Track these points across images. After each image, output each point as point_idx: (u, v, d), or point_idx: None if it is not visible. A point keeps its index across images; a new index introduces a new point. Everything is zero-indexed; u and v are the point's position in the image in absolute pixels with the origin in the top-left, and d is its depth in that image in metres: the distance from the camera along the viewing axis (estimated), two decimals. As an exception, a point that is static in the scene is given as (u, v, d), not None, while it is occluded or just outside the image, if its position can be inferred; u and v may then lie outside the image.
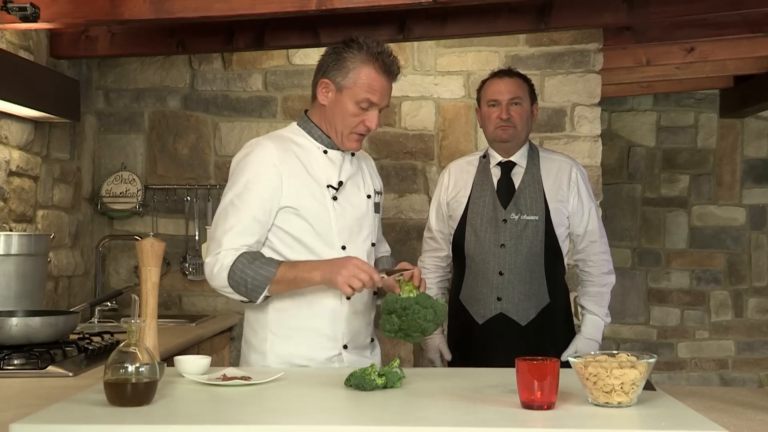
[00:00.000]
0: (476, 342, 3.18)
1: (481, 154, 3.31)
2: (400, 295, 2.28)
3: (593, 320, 3.23)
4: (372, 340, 2.65)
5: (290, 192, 2.42)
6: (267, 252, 2.45)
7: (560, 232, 3.17)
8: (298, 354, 2.48)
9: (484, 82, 3.26)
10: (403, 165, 4.66)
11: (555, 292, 3.19)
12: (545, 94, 4.66)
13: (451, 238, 3.27)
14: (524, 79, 3.24)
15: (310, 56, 4.61)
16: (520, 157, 3.21)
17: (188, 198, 4.63)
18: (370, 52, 2.43)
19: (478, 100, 3.25)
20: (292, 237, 2.45)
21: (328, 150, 2.52)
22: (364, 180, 2.61)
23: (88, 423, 1.72)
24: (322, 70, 2.48)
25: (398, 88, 4.68)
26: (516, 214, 3.14)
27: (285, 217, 2.44)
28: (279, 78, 4.69)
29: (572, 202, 3.19)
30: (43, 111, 3.52)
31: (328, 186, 2.47)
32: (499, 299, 3.13)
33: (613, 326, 7.43)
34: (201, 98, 4.71)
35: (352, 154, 2.58)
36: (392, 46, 4.77)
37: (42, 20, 3.18)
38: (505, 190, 3.19)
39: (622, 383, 1.83)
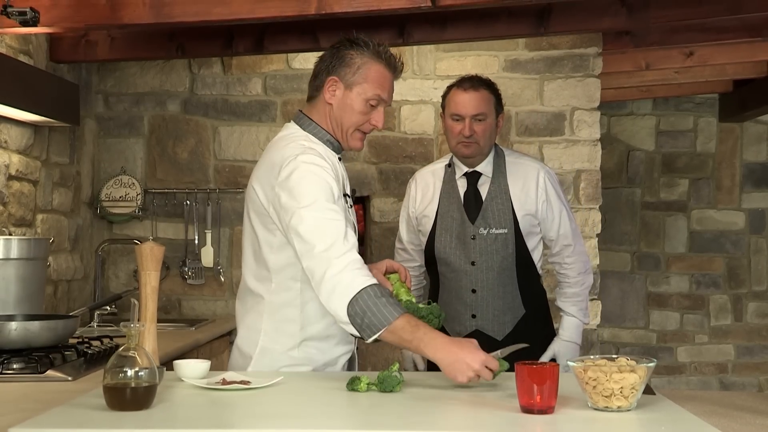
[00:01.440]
0: None
1: (446, 162, 3.21)
2: (398, 296, 2.33)
3: (571, 321, 3.18)
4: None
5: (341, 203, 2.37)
6: None
7: (531, 241, 3.12)
8: (320, 360, 2.45)
9: (449, 88, 3.12)
10: (403, 169, 4.67)
11: (530, 300, 3.15)
12: (544, 98, 4.66)
13: (422, 249, 3.23)
14: (491, 89, 3.09)
15: (309, 60, 4.62)
16: (485, 166, 3.12)
17: (188, 202, 4.63)
18: (376, 50, 2.43)
19: (443, 106, 3.14)
20: None
21: (341, 157, 2.51)
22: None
23: (87, 427, 1.72)
24: (328, 68, 2.44)
25: (398, 92, 4.67)
26: (485, 229, 3.07)
27: None
28: (278, 82, 4.69)
29: (541, 208, 3.11)
30: (42, 115, 3.52)
31: (345, 194, 2.45)
32: (473, 316, 3.10)
33: (612, 330, 7.43)
34: (200, 102, 4.71)
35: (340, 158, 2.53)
36: (392, 50, 4.79)
37: (42, 24, 3.18)
38: (473, 203, 3.11)
39: (621, 387, 1.83)
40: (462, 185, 3.14)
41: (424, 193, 3.21)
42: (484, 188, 3.12)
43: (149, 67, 4.70)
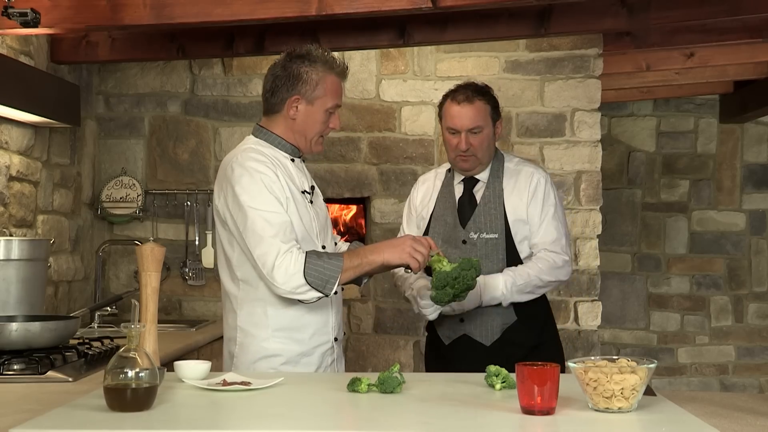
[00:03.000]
0: (443, 361, 3.10)
1: (448, 167, 3.19)
2: (440, 268, 2.56)
3: (497, 278, 2.94)
4: (344, 334, 2.86)
5: (285, 198, 2.52)
6: None
7: (522, 247, 3.04)
8: (293, 350, 2.56)
9: (445, 98, 3.07)
10: (403, 170, 4.67)
11: (522, 307, 3.02)
12: (545, 99, 4.66)
13: None
14: (486, 99, 3.04)
15: (310, 61, 4.62)
16: (482, 172, 3.09)
17: (188, 203, 4.64)
18: (326, 60, 2.58)
19: (440, 116, 3.10)
20: None
21: (294, 158, 2.64)
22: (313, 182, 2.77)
23: (87, 428, 1.72)
24: (287, 87, 2.57)
25: (399, 93, 4.69)
26: (475, 233, 3.02)
27: None
28: (279, 83, 4.68)
29: (529, 211, 3.03)
30: (43, 116, 3.52)
31: (302, 192, 2.60)
32: (461, 321, 3.04)
33: (613, 331, 7.43)
34: (201, 103, 4.71)
35: (303, 160, 2.71)
36: (392, 51, 4.81)
37: (42, 25, 3.18)
38: (467, 207, 3.07)
39: (622, 388, 1.83)
40: (459, 190, 3.12)
41: (424, 195, 3.21)
42: (479, 193, 3.08)
43: (150, 68, 4.70)
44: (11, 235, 3.51)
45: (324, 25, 3.87)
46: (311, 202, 2.63)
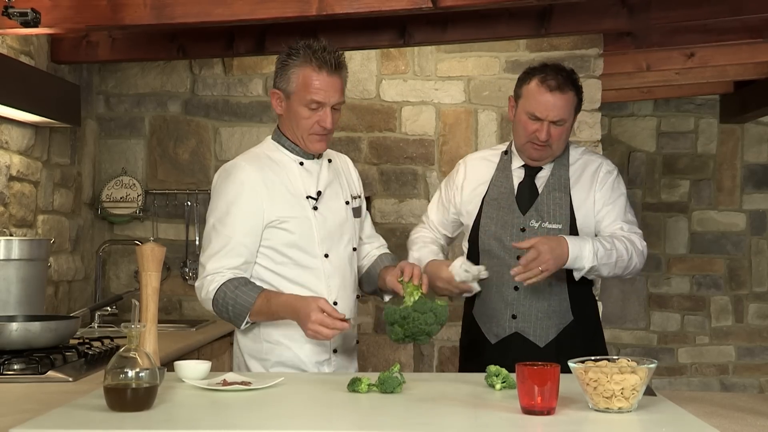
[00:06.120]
0: (487, 362, 2.55)
1: (503, 149, 2.95)
2: (403, 301, 2.35)
3: (586, 241, 2.68)
4: (357, 342, 2.72)
5: (272, 208, 2.48)
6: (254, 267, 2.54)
7: None
8: (288, 358, 2.53)
9: (530, 76, 2.79)
10: (404, 170, 4.67)
11: (580, 307, 2.83)
12: (545, 99, 4.66)
13: (448, 233, 3.03)
14: (576, 90, 2.79)
15: (310, 61, 4.62)
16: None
17: (188, 203, 4.64)
18: (306, 54, 2.46)
19: (517, 94, 2.82)
20: (275, 251, 2.51)
21: (304, 161, 2.57)
22: (341, 186, 2.64)
23: (88, 428, 1.72)
24: (274, 81, 2.55)
25: (399, 93, 4.69)
26: (536, 222, 2.79)
27: (269, 232, 2.50)
28: (279, 83, 4.69)
29: (598, 200, 2.82)
30: (43, 116, 3.52)
31: (307, 197, 2.53)
32: (514, 317, 2.79)
33: (613, 331, 7.43)
34: (201, 103, 4.71)
35: (329, 161, 2.63)
36: (393, 51, 4.80)
37: (43, 25, 3.18)
38: (527, 194, 2.83)
39: (622, 388, 1.83)
40: (518, 175, 2.87)
41: (472, 178, 2.94)
42: (541, 180, 2.84)
43: (150, 67, 4.70)
44: (11, 235, 3.51)
45: (324, 25, 3.86)
46: (315, 208, 2.53)
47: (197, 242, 4.62)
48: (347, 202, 2.63)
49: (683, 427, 1.78)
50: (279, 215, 2.48)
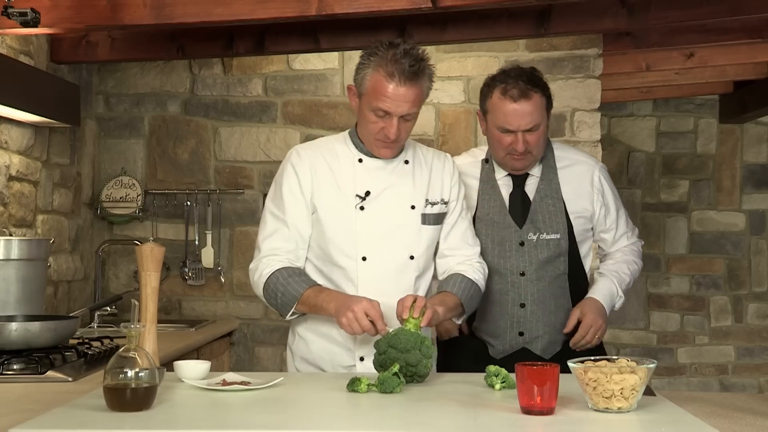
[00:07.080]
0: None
1: (483, 156, 2.82)
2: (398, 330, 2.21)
3: (605, 283, 2.77)
4: None
5: (316, 198, 2.45)
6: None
7: (583, 248, 2.79)
8: (314, 359, 2.53)
9: (490, 88, 2.68)
10: (403, 170, 4.66)
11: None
12: (545, 99, 4.66)
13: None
14: (541, 90, 2.67)
15: (310, 61, 4.62)
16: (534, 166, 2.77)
17: (188, 203, 4.64)
18: (383, 57, 2.33)
19: (483, 109, 2.72)
20: (314, 241, 2.48)
21: (363, 158, 2.48)
22: (415, 189, 2.49)
23: (87, 428, 1.72)
24: (354, 75, 2.46)
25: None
26: (534, 234, 2.70)
27: (314, 219, 2.47)
28: (279, 83, 4.69)
29: (597, 211, 2.79)
30: (43, 116, 3.52)
31: (356, 195, 2.44)
32: (521, 334, 2.72)
33: (612, 331, 7.43)
34: (201, 103, 4.71)
35: (406, 162, 2.51)
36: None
37: (42, 25, 3.18)
38: (519, 206, 2.73)
39: (622, 388, 1.83)
40: (505, 185, 2.77)
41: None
42: (531, 188, 2.75)
43: (150, 67, 4.70)
44: (11, 235, 3.51)
45: (324, 25, 3.87)
46: (362, 207, 2.43)
47: (196, 242, 4.62)
48: (413, 207, 2.47)
49: (683, 427, 1.78)
50: (320, 206, 2.44)
